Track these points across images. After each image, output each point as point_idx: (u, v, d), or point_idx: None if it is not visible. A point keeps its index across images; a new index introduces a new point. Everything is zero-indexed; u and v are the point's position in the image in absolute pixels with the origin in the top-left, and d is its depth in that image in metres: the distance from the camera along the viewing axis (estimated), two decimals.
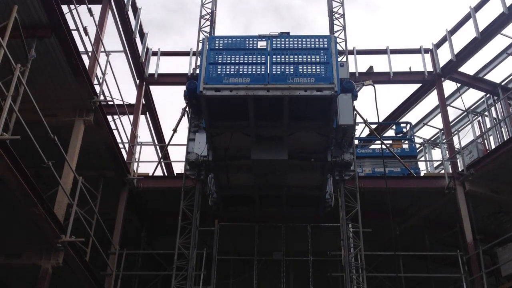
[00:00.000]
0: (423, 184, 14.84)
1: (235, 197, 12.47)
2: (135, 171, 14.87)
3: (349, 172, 11.67)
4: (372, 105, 26.80)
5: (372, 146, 18.29)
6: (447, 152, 16.00)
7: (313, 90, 9.42)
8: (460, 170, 14.38)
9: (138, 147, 15.70)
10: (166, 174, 19.38)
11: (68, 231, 9.74)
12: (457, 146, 15.61)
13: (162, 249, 15.16)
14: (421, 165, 20.40)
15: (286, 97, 9.40)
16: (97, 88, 11.72)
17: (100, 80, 12.40)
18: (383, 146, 15.56)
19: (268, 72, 9.63)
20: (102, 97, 11.81)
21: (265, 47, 10.00)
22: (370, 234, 14.04)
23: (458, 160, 15.24)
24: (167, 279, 14.94)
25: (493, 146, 16.54)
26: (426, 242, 15.48)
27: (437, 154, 22.61)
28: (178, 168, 24.33)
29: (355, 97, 11.31)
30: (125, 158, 14.63)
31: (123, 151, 14.49)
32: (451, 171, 14.90)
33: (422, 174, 16.48)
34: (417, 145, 19.79)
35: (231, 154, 10.89)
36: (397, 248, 14.22)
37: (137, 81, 17.43)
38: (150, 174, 15.66)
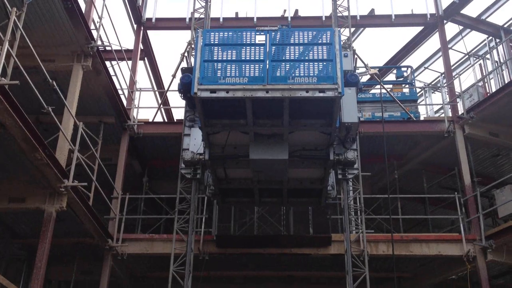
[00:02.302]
0: (422, 128, 14.86)
1: (233, 189, 12.00)
2: (135, 117, 14.89)
3: (353, 170, 11.07)
4: (373, 49, 26.56)
5: (373, 91, 18.23)
6: (447, 96, 15.95)
7: (315, 91, 8.78)
8: (460, 113, 14.39)
9: (137, 93, 15.67)
10: (166, 120, 19.44)
11: (71, 176, 9.87)
12: (458, 90, 15.55)
13: (164, 194, 15.39)
14: (422, 110, 20.45)
15: (287, 99, 8.84)
16: (95, 33, 11.58)
17: (97, 25, 12.23)
18: (383, 91, 15.52)
19: (267, 71, 8.98)
20: (99, 42, 11.68)
21: (264, 42, 9.32)
22: (369, 177, 14.23)
23: (458, 104, 15.24)
24: (169, 222, 15.26)
25: (493, 90, 16.48)
26: (425, 185, 15.69)
27: (437, 98, 22.58)
28: (178, 114, 24.36)
29: (359, 90, 10.63)
30: (125, 104, 14.63)
31: (122, 97, 14.46)
32: (451, 115, 14.91)
33: (422, 118, 16.52)
34: (418, 89, 19.73)
35: (228, 152, 10.37)
36: (395, 191, 14.44)
37: (135, 26, 17.21)
38: (150, 120, 15.71)
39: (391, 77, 20.11)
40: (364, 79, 19.34)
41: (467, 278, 12.91)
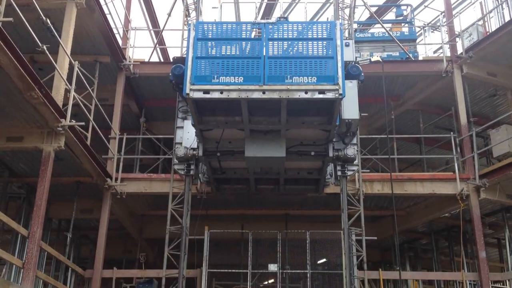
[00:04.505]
0: (421, 68, 14.77)
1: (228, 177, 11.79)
2: (131, 57, 14.71)
3: (353, 167, 10.79)
4: None
5: (371, 30, 17.97)
6: (447, 35, 15.75)
7: (315, 92, 8.34)
8: (459, 53, 14.25)
9: (132, 32, 15.42)
10: (162, 60, 19.22)
11: (68, 115, 9.85)
12: (457, 29, 15.32)
13: (161, 134, 15.43)
14: (420, 49, 20.24)
15: (284, 100, 8.43)
16: None
17: None
18: (383, 30, 15.31)
19: (264, 70, 8.49)
20: None
21: (261, 36, 8.84)
22: (366, 118, 14.22)
23: (457, 44, 15.06)
24: (167, 162, 15.38)
25: (493, 29, 16.24)
26: (421, 125, 15.75)
27: (436, 37, 22.31)
28: (174, 53, 24.01)
29: (361, 82, 10.07)
30: (120, 44, 14.42)
31: (117, 36, 14.23)
32: (449, 55, 14.77)
33: (420, 58, 16.36)
34: (417, 29, 19.45)
35: (223, 147, 10.02)
36: (391, 131, 14.50)
37: None
38: (146, 60, 15.53)
39: (391, 15, 19.77)
40: (363, 17, 19.07)
41: (459, 216, 13.20)
